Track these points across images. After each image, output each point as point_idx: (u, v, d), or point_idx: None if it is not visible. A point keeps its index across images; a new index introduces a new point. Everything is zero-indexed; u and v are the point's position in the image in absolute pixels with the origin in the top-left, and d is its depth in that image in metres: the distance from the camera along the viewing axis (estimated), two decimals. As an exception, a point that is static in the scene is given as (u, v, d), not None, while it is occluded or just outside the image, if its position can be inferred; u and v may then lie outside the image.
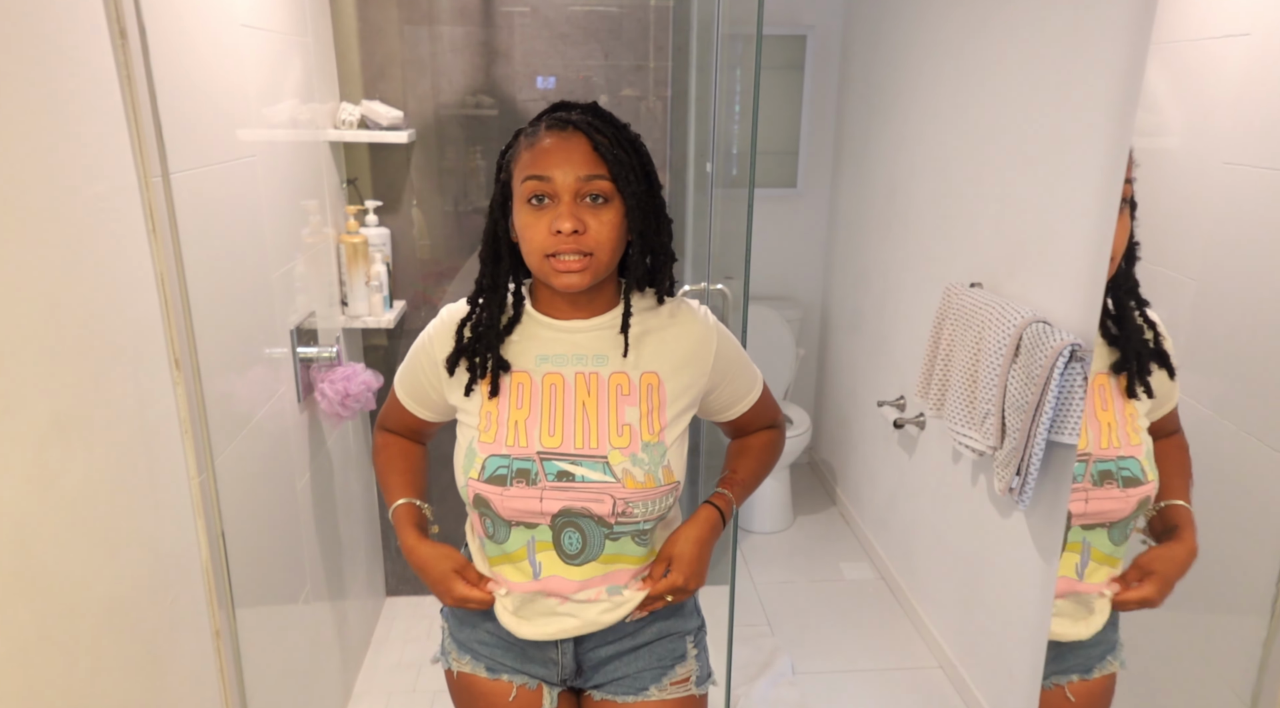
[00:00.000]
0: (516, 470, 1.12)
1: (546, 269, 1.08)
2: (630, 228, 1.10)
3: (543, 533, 1.13)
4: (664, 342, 1.17)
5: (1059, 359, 1.64)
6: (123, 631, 1.12)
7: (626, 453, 1.12)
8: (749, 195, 1.66)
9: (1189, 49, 1.40)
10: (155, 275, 1.22)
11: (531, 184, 1.06)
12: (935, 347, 2.25)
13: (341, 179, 2.28)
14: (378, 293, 2.24)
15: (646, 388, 1.15)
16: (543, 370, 1.15)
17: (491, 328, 1.15)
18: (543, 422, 1.13)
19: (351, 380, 1.97)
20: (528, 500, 1.11)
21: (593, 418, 1.13)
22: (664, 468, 1.13)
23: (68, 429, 1.01)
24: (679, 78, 2.38)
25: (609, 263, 1.10)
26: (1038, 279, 1.91)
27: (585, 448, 1.12)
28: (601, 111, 1.12)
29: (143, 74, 1.19)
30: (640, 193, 1.09)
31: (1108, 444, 1.42)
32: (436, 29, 2.29)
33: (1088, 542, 1.44)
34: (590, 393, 1.14)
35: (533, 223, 1.07)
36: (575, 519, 1.12)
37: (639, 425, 1.13)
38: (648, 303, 1.19)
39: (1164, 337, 1.38)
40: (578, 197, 1.06)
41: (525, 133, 1.12)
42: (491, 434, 1.13)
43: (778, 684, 2.37)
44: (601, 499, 1.11)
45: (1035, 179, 1.91)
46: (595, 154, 1.07)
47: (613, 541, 1.14)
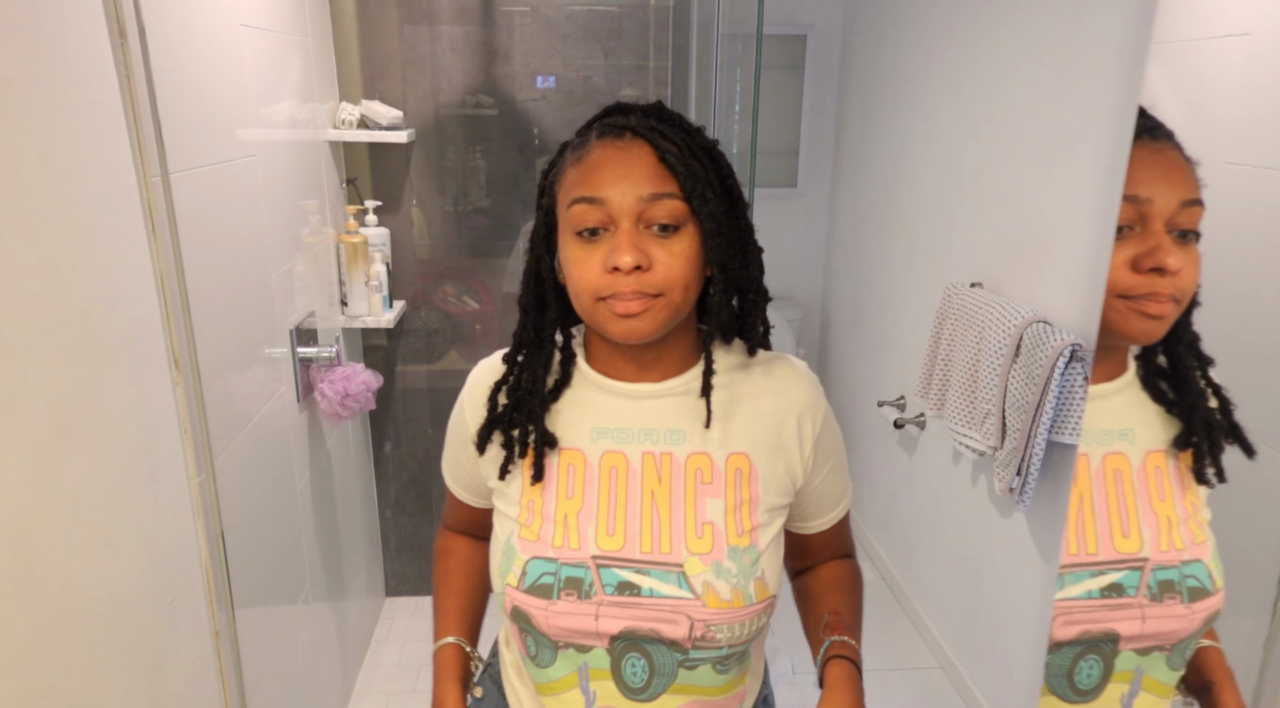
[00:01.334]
0: (566, 579, 0.88)
1: (602, 315, 0.84)
2: (709, 260, 0.86)
3: (598, 659, 0.89)
4: (758, 413, 0.92)
5: (1059, 359, 1.64)
6: (123, 631, 1.12)
7: (709, 561, 0.87)
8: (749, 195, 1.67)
9: (1189, 49, 1.40)
10: (155, 275, 1.22)
11: (580, 209, 0.83)
12: (935, 347, 2.25)
13: (341, 179, 2.28)
14: (377, 293, 2.24)
15: (735, 474, 0.90)
16: (600, 449, 0.91)
17: (535, 393, 0.91)
18: (600, 517, 0.89)
19: (351, 380, 1.97)
20: (580, 618, 0.87)
21: (664, 514, 0.89)
22: (756, 581, 0.88)
23: (68, 429, 1.01)
24: (679, 78, 2.38)
25: (682, 305, 0.85)
26: (1038, 279, 1.91)
27: (655, 553, 0.88)
28: (668, 113, 0.89)
29: (143, 74, 1.19)
30: (721, 215, 0.85)
31: (1168, 546, 1.07)
32: (436, 29, 2.29)
33: (1141, 669, 1.08)
34: (661, 480, 0.90)
35: (583, 258, 0.83)
36: (641, 643, 0.88)
37: (724, 524, 0.88)
38: (736, 359, 0.94)
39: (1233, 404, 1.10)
40: (640, 223, 0.82)
41: (572, 145, 0.89)
42: (534, 530, 0.90)
43: (778, 684, 2.37)
44: (676, 620, 0.86)
45: (1035, 179, 1.91)
46: (662, 166, 0.83)
47: (689, 669, 0.89)
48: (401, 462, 2.58)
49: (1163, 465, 1.07)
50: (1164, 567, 1.07)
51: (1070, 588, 1.03)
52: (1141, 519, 1.05)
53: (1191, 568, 1.08)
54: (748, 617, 0.88)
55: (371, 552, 2.56)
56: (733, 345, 0.95)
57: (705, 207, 0.83)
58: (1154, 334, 0.90)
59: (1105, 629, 1.04)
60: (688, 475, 0.90)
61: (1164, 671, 1.09)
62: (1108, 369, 1.04)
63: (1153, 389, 1.08)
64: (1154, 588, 1.06)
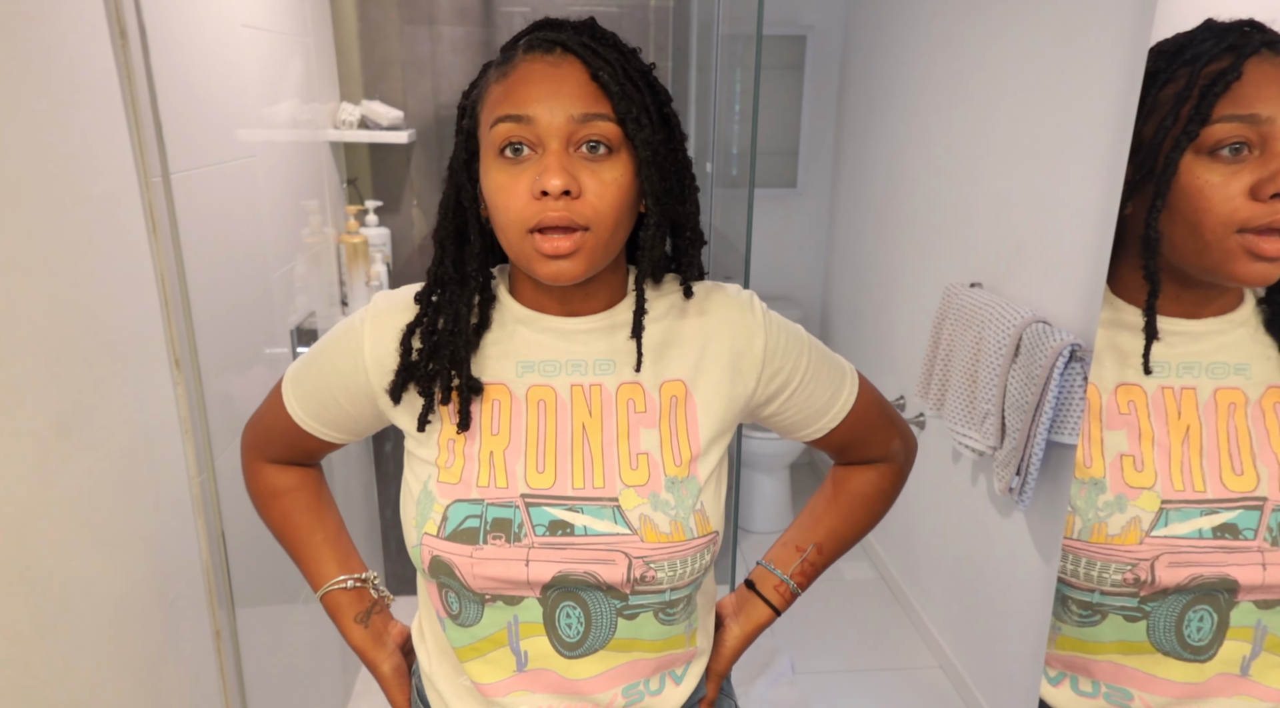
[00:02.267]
0: (492, 521, 0.80)
1: (528, 250, 0.75)
2: (643, 192, 0.78)
3: (529, 611, 0.82)
4: (687, 340, 0.86)
5: (1059, 359, 1.64)
6: (123, 631, 1.12)
7: (645, 494, 0.81)
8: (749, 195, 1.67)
9: (1189, 49, 1.40)
10: (155, 275, 1.22)
11: (505, 128, 0.75)
12: (935, 347, 2.25)
13: (341, 179, 2.28)
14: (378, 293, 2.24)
15: (670, 402, 0.84)
16: (526, 383, 0.84)
17: (458, 334, 0.82)
18: (529, 453, 0.82)
19: (351, 380, 1.97)
20: (509, 564, 0.80)
21: (596, 446, 0.83)
22: (696, 514, 0.82)
23: (68, 429, 1.01)
24: (679, 78, 2.38)
25: (611, 241, 0.77)
26: (1037, 279, 1.91)
27: (588, 489, 0.82)
28: (601, 30, 0.81)
29: (143, 74, 1.19)
30: (658, 143, 0.78)
31: None
32: (436, 29, 2.29)
33: (1263, 625, 0.95)
34: (592, 412, 0.83)
35: (507, 183, 0.75)
36: (576, 590, 0.82)
37: (660, 455, 0.83)
38: (669, 295, 0.87)
39: None
40: (570, 145, 0.75)
41: (496, 62, 0.81)
42: (456, 472, 0.83)
43: (778, 684, 2.37)
44: (613, 560, 0.80)
45: (1035, 179, 1.91)
46: (594, 85, 0.75)
47: (628, 619, 0.83)
48: (401, 462, 2.58)
49: None
50: None
51: (1176, 525, 0.92)
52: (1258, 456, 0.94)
53: None
54: (688, 552, 0.81)
55: (371, 552, 2.56)
56: (665, 282, 0.88)
57: (640, 132, 0.76)
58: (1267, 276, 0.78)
59: (1220, 575, 0.93)
60: (619, 406, 0.83)
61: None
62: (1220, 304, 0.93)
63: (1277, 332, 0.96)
64: (1275, 531, 0.93)
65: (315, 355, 0.91)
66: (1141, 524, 0.93)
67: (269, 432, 0.96)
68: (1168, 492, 0.94)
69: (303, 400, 0.92)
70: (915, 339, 2.58)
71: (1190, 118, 0.82)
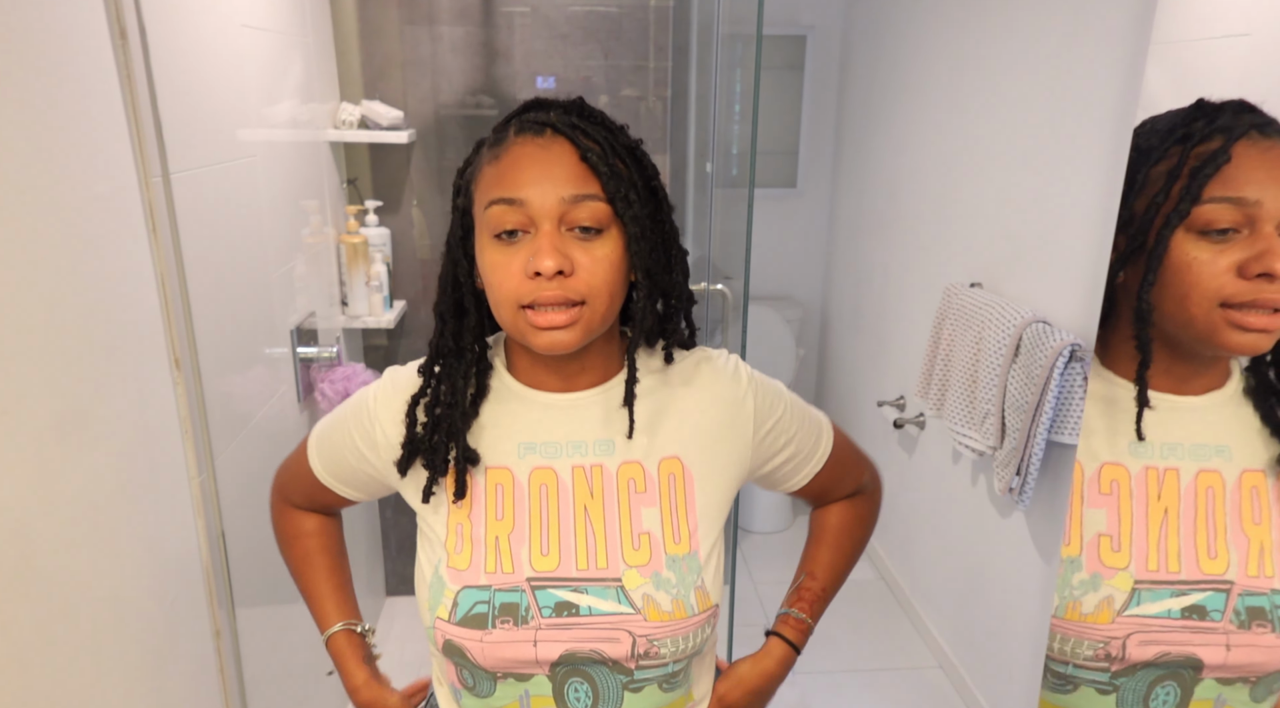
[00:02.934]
0: (500, 606, 0.84)
1: (522, 324, 0.79)
2: (633, 265, 0.82)
3: (539, 686, 0.86)
4: (684, 413, 0.89)
5: (1059, 359, 1.64)
6: (123, 631, 1.12)
7: (647, 573, 0.84)
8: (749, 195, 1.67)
9: (1189, 49, 1.40)
10: (155, 275, 1.22)
11: (498, 211, 0.78)
12: (935, 347, 2.25)
13: (341, 179, 2.28)
14: (378, 293, 2.24)
15: (669, 479, 0.87)
16: (529, 465, 0.86)
17: (455, 406, 0.86)
18: (533, 537, 0.85)
19: (351, 380, 1.97)
20: (517, 646, 0.83)
21: (599, 528, 0.85)
22: (697, 590, 0.85)
23: (68, 429, 1.01)
24: (679, 78, 2.38)
25: (607, 314, 0.80)
26: (1037, 279, 1.91)
27: (591, 570, 0.85)
28: (589, 110, 0.85)
29: (143, 74, 1.19)
30: (645, 218, 0.81)
31: (1257, 572, 1.00)
32: (436, 29, 2.29)
33: (1223, 699, 1.02)
34: (594, 494, 0.86)
35: (502, 263, 0.78)
36: (583, 667, 0.85)
37: (662, 533, 0.86)
38: (656, 363, 0.90)
39: None
40: (562, 225, 0.78)
41: (489, 142, 0.83)
42: (465, 558, 0.85)
43: (778, 684, 2.38)
44: (617, 638, 0.83)
45: (1035, 179, 1.91)
46: (584, 166, 0.78)
47: (633, 692, 0.87)
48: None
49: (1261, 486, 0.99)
50: (1253, 593, 0.99)
51: (1147, 604, 0.98)
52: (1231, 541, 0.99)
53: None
54: (690, 629, 0.85)
55: (372, 552, 2.56)
56: (655, 349, 0.91)
57: (629, 209, 0.79)
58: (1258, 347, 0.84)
59: (1186, 654, 0.99)
60: (620, 486, 0.86)
61: (1247, 702, 1.02)
62: (1207, 380, 0.98)
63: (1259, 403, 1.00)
64: (1241, 614, 0.99)
65: (335, 423, 0.96)
66: (1114, 603, 0.97)
67: (295, 480, 1.03)
68: (1141, 572, 0.98)
69: (324, 460, 0.97)
70: (915, 339, 2.58)
71: (1181, 197, 0.86)
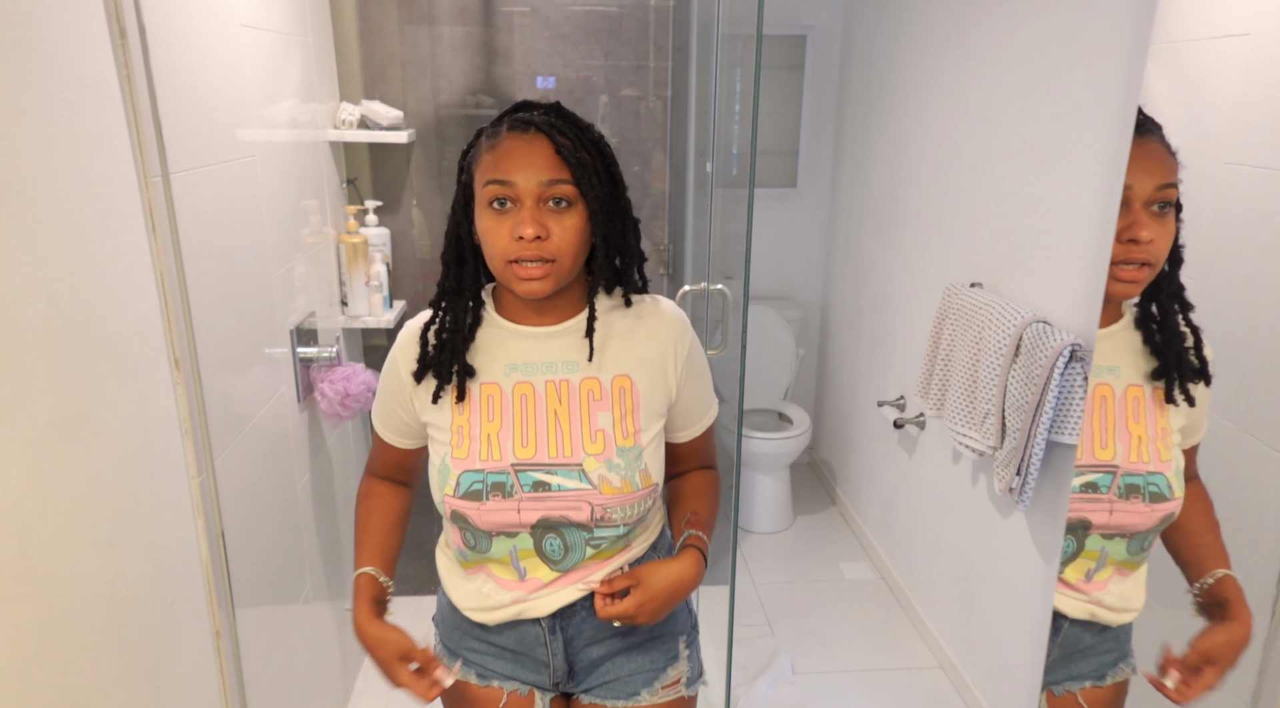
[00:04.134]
0: (492, 484, 1.10)
1: (509, 275, 1.06)
2: (594, 231, 1.08)
3: (524, 541, 1.13)
4: (634, 343, 1.15)
5: (1059, 359, 1.64)
6: (123, 631, 1.12)
7: (601, 459, 1.11)
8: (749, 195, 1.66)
9: (1189, 49, 1.40)
10: (155, 275, 1.22)
11: (493, 188, 1.04)
12: (935, 347, 2.25)
13: (341, 179, 2.28)
14: (378, 293, 2.24)
15: (619, 392, 1.13)
16: (513, 380, 1.13)
17: (456, 332, 1.13)
18: (515, 433, 1.12)
19: (351, 380, 1.97)
20: (505, 513, 1.10)
21: (565, 426, 1.12)
22: (641, 472, 1.12)
23: (68, 429, 1.01)
24: (679, 78, 2.38)
25: (572, 268, 1.08)
26: (1038, 279, 1.91)
27: (560, 457, 1.11)
28: (564, 112, 1.10)
29: (143, 74, 1.19)
30: (604, 196, 1.07)
31: (1137, 458, 1.35)
32: (436, 29, 2.29)
33: (1106, 551, 1.41)
34: (562, 401, 1.13)
35: (494, 227, 1.04)
36: (555, 527, 1.12)
37: (613, 431, 1.12)
38: (615, 303, 1.17)
39: (1205, 344, 1.32)
40: (540, 201, 1.04)
41: (486, 133, 1.09)
42: (465, 450, 1.12)
43: (778, 684, 2.37)
44: (579, 507, 1.10)
45: (1035, 179, 1.91)
46: (558, 157, 1.04)
47: (594, 546, 1.14)
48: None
49: (1140, 396, 1.36)
50: (1131, 474, 1.36)
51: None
52: (1117, 436, 1.36)
53: (1154, 479, 1.34)
54: (635, 500, 1.13)
55: (371, 552, 2.56)
56: (614, 295, 1.18)
57: (591, 191, 1.05)
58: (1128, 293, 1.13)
59: (1080, 517, 1.39)
60: (582, 395, 1.13)
61: (1123, 553, 1.39)
62: (1106, 317, 1.36)
63: (1144, 330, 1.36)
64: (1122, 490, 1.36)
65: (379, 388, 1.22)
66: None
67: (374, 451, 1.28)
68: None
69: (380, 419, 1.24)
70: (915, 339, 2.58)
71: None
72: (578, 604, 1.18)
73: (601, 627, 1.20)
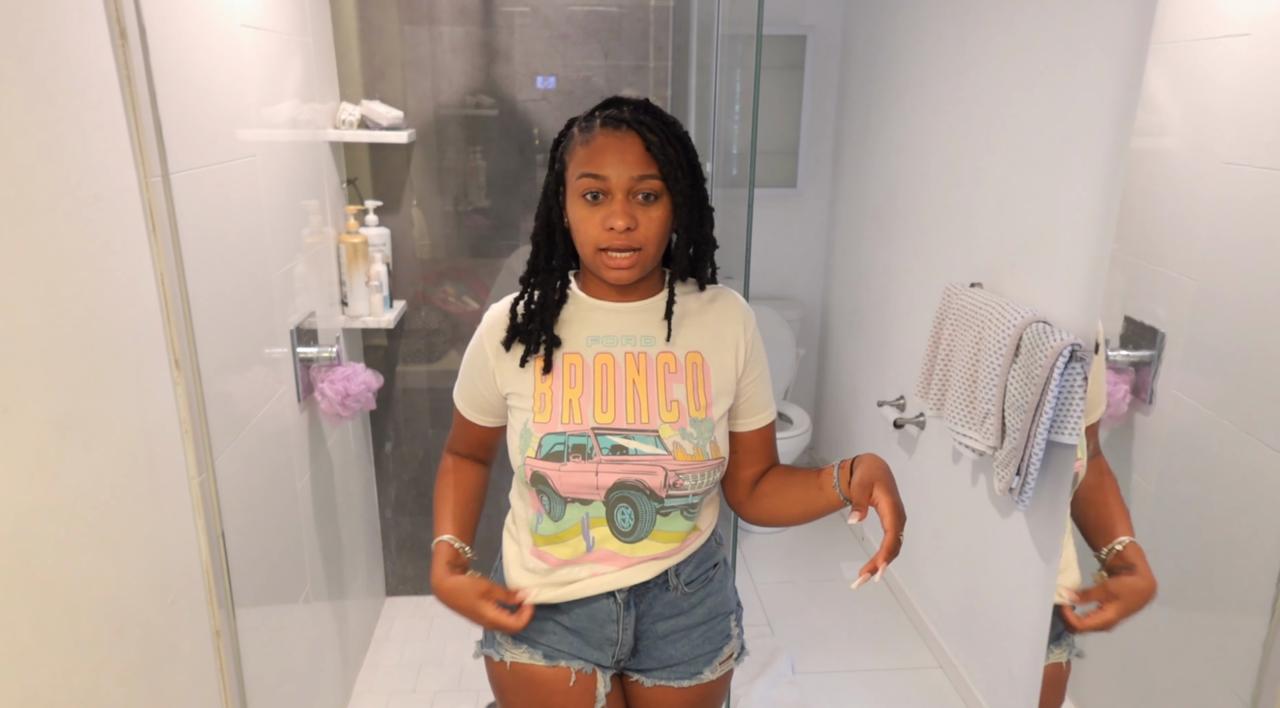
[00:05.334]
0: (573, 446, 1.16)
1: (599, 262, 1.13)
2: (677, 223, 1.15)
3: (597, 509, 1.18)
4: (705, 324, 1.22)
5: (1059, 359, 1.64)
6: (123, 631, 1.12)
7: (676, 427, 1.17)
8: (749, 195, 1.67)
9: (1189, 49, 1.40)
10: (155, 275, 1.22)
11: (587, 181, 1.11)
12: (935, 347, 2.25)
13: (341, 179, 2.28)
14: (378, 293, 2.24)
15: (691, 366, 1.20)
16: (594, 351, 1.20)
17: (545, 306, 1.19)
18: (596, 399, 1.18)
19: (351, 380, 1.97)
20: (584, 475, 1.16)
21: (643, 394, 1.18)
22: (711, 443, 1.18)
23: (68, 429, 1.01)
24: (679, 78, 2.38)
25: (656, 255, 1.15)
26: (1038, 279, 1.91)
27: (637, 423, 1.17)
28: (654, 109, 1.16)
29: (143, 74, 1.19)
30: (687, 190, 1.13)
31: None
32: (436, 29, 2.29)
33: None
34: (640, 371, 1.19)
35: (587, 217, 1.11)
36: (629, 493, 1.17)
37: (686, 402, 1.18)
38: (690, 289, 1.25)
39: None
40: (630, 195, 1.10)
41: (580, 126, 1.15)
42: (547, 414, 1.18)
43: (778, 684, 2.37)
44: (654, 471, 1.16)
45: (1035, 179, 1.91)
46: (648, 154, 1.10)
47: (664, 516, 1.19)
48: (402, 462, 2.58)
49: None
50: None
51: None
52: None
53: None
54: (706, 468, 1.18)
55: (371, 552, 2.56)
56: (689, 281, 1.25)
57: (677, 185, 1.12)
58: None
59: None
60: (659, 368, 1.20)
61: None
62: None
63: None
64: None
65: (463, 367, 1.28)
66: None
67: (455, 429, 1.34)
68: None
69: (464, 397, 1.30)
70: (915, 339, 2.58)
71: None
72: (651, 582, 1.23)
73: (669, 604, 1.25)
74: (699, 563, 1.27)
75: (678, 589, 1.25)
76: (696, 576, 1.26)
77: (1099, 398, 1.49)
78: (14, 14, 0.93)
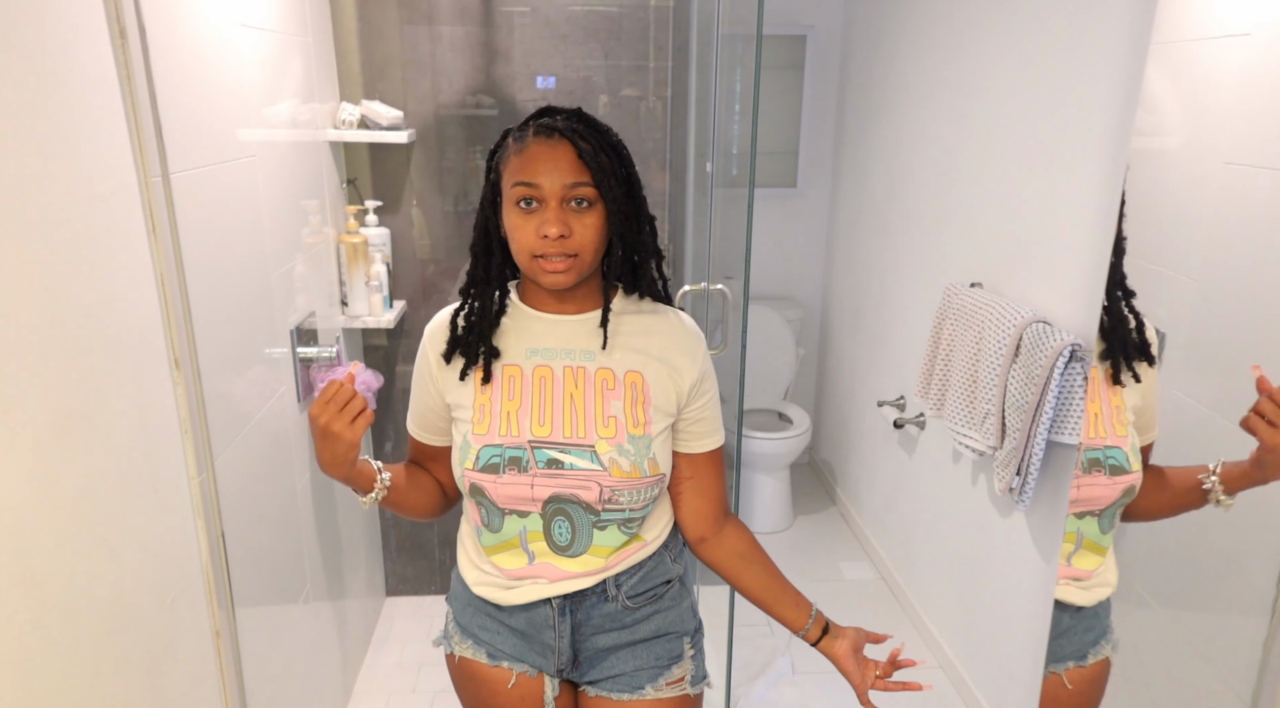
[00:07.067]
0: (509, 459, 1.16)
1: (535, 268, 1.13)
2: (612, 230, 1.15)
3: (534, 522, 1.18)
4: (649, 346, 1.21)
5: (1059, 359, 1.64)
6: (123, 631, 1.12)
7: (613, 443, 1.16)
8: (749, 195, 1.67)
9: (1189, 49, 1.40)
10: (155, 275, 1.22)
11: (520, 190, 1.11)
12: (935, 347, 2.25)
13: (341, 179, 2.28)
14: (377, 293, 2.24)
15: (630, 386, 1.19)
16: (533, 363, 1.20)
17: (484, 317, 1.20)
18: (533, 412, 1.18)
19: (351, 380, 1.96)
20: (520, 487, 1.16)
21: (580, 409, 1.18)
22: (649, 460, 1.17)
23: (68, 429, 1.01)
24: (679, 78, 2.38)
25: (592, 262, 1.15)
26: (1038, 279, 1.91)
27: (574, 437, 1.17)
28: (586, 117, 1.17)
29: (143, 74, 1.19)
30: (620, 197, 1.13)
31: (1094, 434, 1.49)
32: (436, 29, 2.29)
33: (1081, 532, 1.49)
34: (578, 385, 1.19)
35: (521, 225, 1.12)
36: (564, 506, 1.17)
37: (624, 417, 1.18)
38: (637, 305, 1.24)
39: (1147, 327, 1.40)
40: (563, 201, 1.11)
41: (514, 136, 1.16)
42: (485, 426, 1.18)
43: (778, 684, 2.37)
44: (589, 486, 1.16)
45: (1035, 179, 1.91)
46: (580, 161, 1.11)
47: (600, 530, 1.18)
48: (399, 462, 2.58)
49: (1094, 376, 1.51)
50: (1091, 449, 1.48)
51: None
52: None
53: (1112, 452, 1.44)
54: (642, 486, 1.18)
55: (371, 552, 2.56)
56: (633, 295, 1.24)
57: (610, 192, 1.12)
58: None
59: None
60: (597, 383, 1.19)
61: (1096, 532, 1.46)
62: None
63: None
64: (1084, 464, 1.48)
65: (413, 382, 1.27)
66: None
67: (409, 452, 1.35)
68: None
69: (413, 417, 1.30)
70: (915, 339, 2.58)
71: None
72: (588, 591, 1.22)
73: (609, 617, 1.24)
74: (644, 577, 1.24)
75: (618, 601, 1.23)
76: (642, 590, 1.24)
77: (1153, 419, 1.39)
78: (14, 14, 0.93)
